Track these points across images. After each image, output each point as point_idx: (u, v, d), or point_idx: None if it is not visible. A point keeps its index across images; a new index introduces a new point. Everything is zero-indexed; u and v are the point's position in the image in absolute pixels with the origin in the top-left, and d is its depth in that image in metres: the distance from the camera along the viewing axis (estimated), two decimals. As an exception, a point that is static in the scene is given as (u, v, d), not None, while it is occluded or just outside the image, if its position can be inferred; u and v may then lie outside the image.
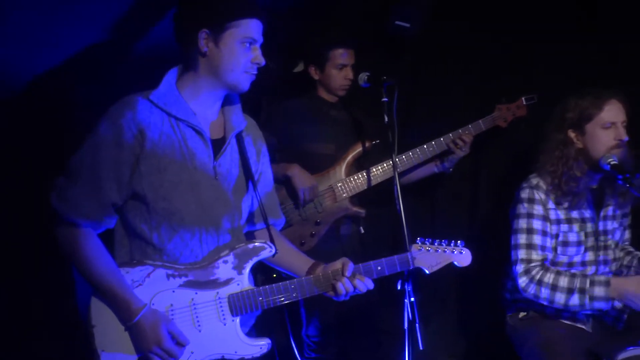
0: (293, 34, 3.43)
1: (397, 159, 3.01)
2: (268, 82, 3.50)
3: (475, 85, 3.58)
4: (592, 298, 2.50)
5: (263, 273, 2.68)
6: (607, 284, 2.50)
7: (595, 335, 2.65)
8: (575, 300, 2.53)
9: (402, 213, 2.55)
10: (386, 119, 2.74)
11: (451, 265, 2.31)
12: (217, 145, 2.09)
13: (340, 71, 3.14)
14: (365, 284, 2.13)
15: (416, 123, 3.58)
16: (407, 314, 2.40)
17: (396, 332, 2.52)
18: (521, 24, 3.41)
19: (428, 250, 2.28)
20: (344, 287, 2.10)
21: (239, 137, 2.17)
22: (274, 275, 2.46)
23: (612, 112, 2.59)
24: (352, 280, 2.12)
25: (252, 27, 2.02)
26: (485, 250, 2.99)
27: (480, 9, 3.47)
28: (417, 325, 2.37)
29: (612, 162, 2.53)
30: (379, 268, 2.19)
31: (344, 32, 3.29)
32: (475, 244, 3.45)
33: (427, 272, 2.28)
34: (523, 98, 3.25)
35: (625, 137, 2.57)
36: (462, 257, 2.31)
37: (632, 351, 2.24)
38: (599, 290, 2.50)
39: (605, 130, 2.58)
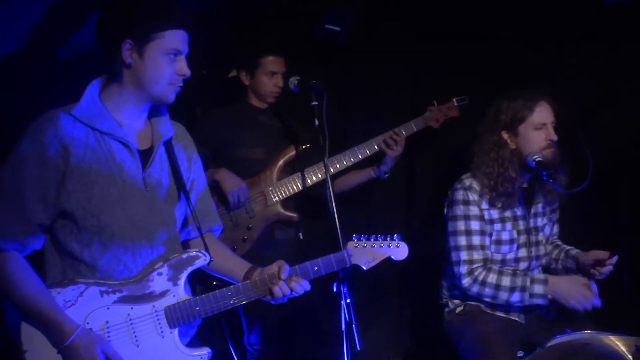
0: (227, 39, 3.41)
1: (328, 163, 3.04)
2: (202, 89, 3.51)
3: (408, 87, 3.64)
4: (531, 295, 2.63)
5: (202, 282, 2.66)
6: (545, 282, 2.63)
7: (528, 326, 2.76)
8: (516, 297, 2.65)
9: (335, 214, 2.56)
10: (317, 122, 2.76)
11: (389, 260, 2.32)
12: (146, 156, 2.05)
13: (270, 78, 3.15)
14: (302, 286, 2.14)
15: (350, 126, 3.62)
16: (344, 315, 2.42)
17: (339, 332, 2.53)
18: (453, 26, 3.49)
19: (364, 246, 2.28)
20: (280, 290, 2.11)
21: (169, 146, 2.13)
22: (214, 283, 2.44)
23: (543, 114, 2.70)
24: (289, 282, 2.12)
25: (177, 38, 1.97)
26: (424, 249, 3.07)
27: (410, 11, 3.53)
28: (353, 326, 2.39)
29: (537, 159, 2.64)
30: (316, 268, 2.20)
31: (275, 39, 3.30)
32: (413, 245, 3.55)
33: (364, 268, 2.30)
34: (454, 99, 3.32)
35: (555, 137, 2.69)
36: (399, 250, 2.32)
37: (560, 338, 2.33)
38: (538, 288, 2.62)
39: (537, 131, 2.69)
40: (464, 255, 2.71)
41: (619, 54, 3.37)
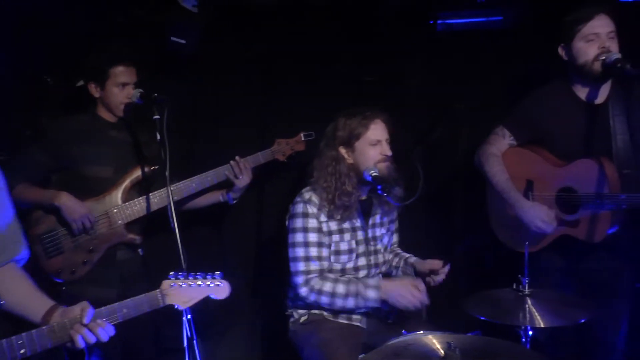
0: (73, 47, 3.28)
1: (174, 187, 3.02)
2: (48, 97, 3.32)
3: (257, 116, 3.69)
4: (366, 300, 2.75)
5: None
6: (377, 287, 2.75)
7: (370, 329, 2.88)
8: (351, 303, 2.76)
9: (176, 231, 2.54)
10: (158, 136, 2.72)
11: (208, 298, 2.26)
12: None
13: (121, 90, 3.05)
14: (105, 331, 1.94)
15: (200, 150, 3.62)
16: (186, 331, 2.38)
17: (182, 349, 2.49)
18: (301, 57, 3.61)
19: (181, 285, 2.17)
20: (84, 338, 1.89)
21: None
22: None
23: (378, 131, 2.85)
24: (94, 328, 1.91)
25: None
26: (273, 263, 3.10)
27: (262, 34, 3.60)
28: (195, 342, 2.37)
29: (373, 174, 2.78)
30: (125, 310, 2.02)
31: (124, 49, 3.20)
32: (263, 258, 3.56)
33: (180, 308, 2.20)
34: (302, 134, 3.41)
35: (389, 153, 2.85)
36: (219, 289, 2.25)
37: (395, 340, 2.43)
38: (371, 293, 2.75)
39: (372, 146, 2.84)
40: (301, 266, 2.79)
41: (451, 75, 3.67)
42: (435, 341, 2.10)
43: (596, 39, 2.81)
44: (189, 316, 2.38)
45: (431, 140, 3.41)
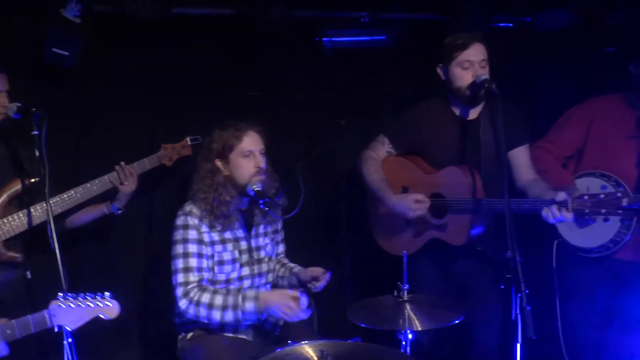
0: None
1: (58, 198, 2.96)
2: None
3: (143, 122, 3.65)
4: (244, 312, 2.76)
5: None
6: (256, 298, 2.77)
7: (257, 343, 2.92)
8: (229, 315, 2.76)
9: (57, 250, 2.47)
10: (37, 152, 2.65)
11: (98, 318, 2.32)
12: None
13: None
14: None
15: (85, 161, 3.53)
16: (67, 356, 2.33)
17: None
18: (190, 68, 3.62)
19: (70, 305, 2.21)
20: None
21: None
22: None
23: (250, 142, 2.89)
24: None
25: None
26: (162, 278, 3.06)
27: (146, 44, 3.57)
28: (75, 364, 2.34)
29: (255, 189, 2.84)
30: (9, 332, 2.02)
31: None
32: (152, 274, 3.49)
33: (69, 329, 2.24)
34: (188, 138, 3.42)
35: (263, 164, 2.89)
36: (109, 309, 2.33)
37: (279, 352, 2.47)
38: (249, 305, 2.76)
39: (246, 158, 2.87)
40: (180, 278, 2.80)
41: (335, 91, 3.83)
42: (310, 350, 2.18)
43: (470, 67, 3.04)
44: (69, 339, 2.34)
45: (313, 155, 3.52)
